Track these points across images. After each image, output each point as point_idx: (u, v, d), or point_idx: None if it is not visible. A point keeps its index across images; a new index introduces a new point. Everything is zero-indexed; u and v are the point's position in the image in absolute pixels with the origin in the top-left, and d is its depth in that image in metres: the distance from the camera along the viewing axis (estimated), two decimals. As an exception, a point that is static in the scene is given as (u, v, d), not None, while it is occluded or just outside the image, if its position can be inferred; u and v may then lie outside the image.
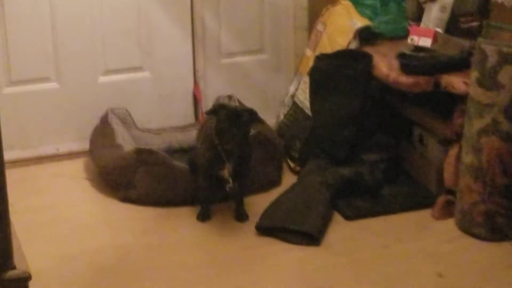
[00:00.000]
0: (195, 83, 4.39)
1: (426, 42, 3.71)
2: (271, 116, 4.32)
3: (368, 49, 3.98)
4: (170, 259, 3.36)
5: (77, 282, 3.19)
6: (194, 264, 3.34)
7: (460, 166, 3.49)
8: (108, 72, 4.27)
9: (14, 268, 1.47)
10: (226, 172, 3.52)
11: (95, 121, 4.16)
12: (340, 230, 3.56)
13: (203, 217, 3.63)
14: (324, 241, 3.46)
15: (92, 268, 3.29)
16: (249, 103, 4.01)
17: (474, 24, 3.83)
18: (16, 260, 1.48)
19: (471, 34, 3.79)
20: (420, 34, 3.76)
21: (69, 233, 3.57)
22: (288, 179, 3.96)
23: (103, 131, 4.08)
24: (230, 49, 4.42)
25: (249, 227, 3.56)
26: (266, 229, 3.50)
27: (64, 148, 4.27)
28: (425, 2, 3.92)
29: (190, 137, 4.02)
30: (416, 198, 3.78)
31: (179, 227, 3.62)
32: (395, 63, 3.73)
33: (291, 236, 3.45)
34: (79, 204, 3.86)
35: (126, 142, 3.93)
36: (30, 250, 2.79)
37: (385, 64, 3.78)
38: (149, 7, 4.21)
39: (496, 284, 3.14)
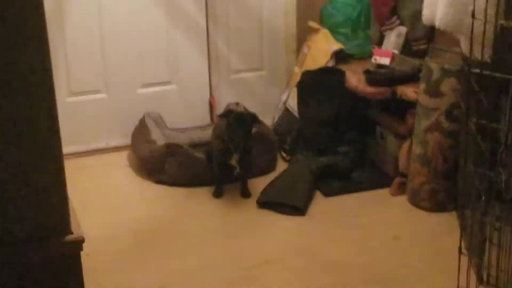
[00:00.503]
0: (211, 93, 4.41)
1: (386, 61, 3.79)
2: (268, 118, 4.36)
3: (342, 67, 4.02)
4: (191, 226, 3.45)
5: (120, 243, 3.26)
6: (210, 229, 3.44)
7: (411, 155, 3.55)
8: (145, 85, 4.28)
9: (71, 233, 1.46)
10: (234, 161, 3.58)
11: (135, 122, 4.19)
12: (321, 204, 3.63)
13: (217, 194, 3.69)
14: (308, 212, 3.54)
15: (132, 233, 3.38)
16: (251, 108, 4.06)
17: (423, 47, 3.87)
18: (73, 226, 1.48)
19: (420, 54, 3.83)
20: (381, 55, 3.83)
21: (114, 206, 3.65)
22: (281, 166, 4.00)
23: (141, 130, 4.12)
24: (237, 67, 4.44)
25: (251, 202, 3.63)
26: (264, 203, 3.57)
27: (112, 143, 4.29)
28: (385, 30, 3.97)
29: (207, 134, 4.02)
30: (378, 180, 3.82)
31: (198, 202, 3.67)
32: (362, 77, 3.79)
33: (283, 209, 3.52)
34: (122, 185, 3.91)
35: (158, 138, 3.94)
36: (84, 220, 2.85)
37: (355, 78, 3.84)
38: (175, 34, 4.21)
39: (437, 243, 3.20)
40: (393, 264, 3.07)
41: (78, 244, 1.47)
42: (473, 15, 2.49)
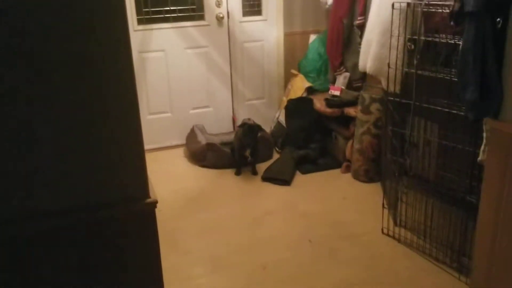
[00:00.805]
0: (233, 113, 4.45)
1: (337, 93, 3.83)
2: (268, 128, 4.36)
3: (311, 97, 4.05)
4: (222, 192, 3.51)
5: (177, 204, 3.33)
6: (233, 194, 3.49)
7: (353, 149, 3.61)
8: (194, 108, 4.32)
9: (149, 197, 1.43)
10: (247, 153, 3.65)
11: (188, 130, 4.23)
12: (300, 179, 3.67)
13: (237, 173, 3.74)
14: (292, 183, 3.59)
15: (184, 197, 3.43)
16: (258, 121, 4.05)
17: (359, 84, 3.90)
18: (151, 193, 1.44)
19: (358, 89, 3.88)
20: (335, 89, 3.86)
21: (175, 180, 3.70)
22: (275, 156, 4.03)
23: (191, 135, 4.15)
24: (249, 97, 4.47)
25: (258, 178, 3.68)
26: (266, 178, 3.63)
27: (174, 142, 4.31)
28: (336, 74, 4.03)
29: (231, 137, 4.05)
30: (334, 164, 3.84)
31: (226, 178, 3.72)
32: (324, 103, 3.83)
33: (277, 181, 3.57)
34: (180, 168, 3.94)
35: (202, 140, 3.98)
36: (157, 188, 2.94)
37: (319, 103, 3.88)
38: (211, 77, 4.26)
39: (369, 201, 3.25)
40: (343, 214, 3.13)
41: (154, 204, 1.44)
42: (389, 66, 2.57)
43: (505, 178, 1.68)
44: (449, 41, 2.25)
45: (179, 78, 4.20)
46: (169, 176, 3.76)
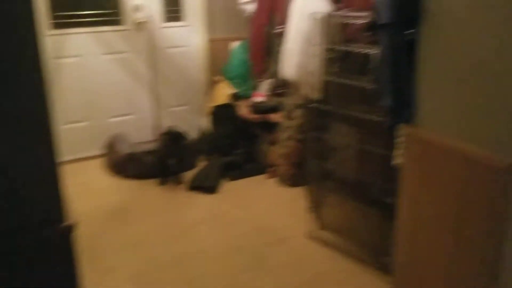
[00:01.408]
0: (156, 121, 4.34)
1: (261, 99, 3.88)
2: (192, 135, 4.27)
3: (236, 103, 4.08)
4: (146, 204, 3.40)
5: (98, 219, 3.18)
6: (159, 205, 3.39)
7: (278, 154, 3.66)
8: (113, 116, 4.19)
9: (65, 220, 1.31)
10: (172, 162, 3.58)
11: (108, 139, 4.08)
12: (227, 185, 3.66)
13: (162, 183, 3.64)
14: (220, 191, 3.56)
15: (105, 211, 3.29)
16: (182, 128, 3.94)
17: (281, 91, 3.96)
18: (67, 213, 1.32)
19: (282, 95, 3.97)
20: (258, 96, 3.92)
21: (94, 193, 3.53)
22: (201, 164, 3.97)
23: (111, 144, 4.00)
24: (172, 104, 4.40)
25: (184, 187, 3.61)
26: (192, 187, 3.57)
27: (93, 153, 4.13)
28: (260, 81, 4.07)
29: (154, 145, 3.94)
30: (260, 169, 3.86)
31: (150, 189, 3.62)
32: (248, 109, 3.87)
33: (204, 189, 3.53)
34: (99, 180, 3.77)
35: (123, 149, 3.86)
36: (77, 202, 2.78)
37: (244, 109, 3.91)
38: (133, 85, 4.16)
39: (296, 205, 3.28)
40: (270, 220, 3.15)
41: (70, 228, 1.32)
42: (310, 74, 2.65)
43: (420, 180, 1.79)
44: (364, 51, 2.36)
45: (97, 84, 4.04)
46: (88, 190, 3.58)
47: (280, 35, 3.54)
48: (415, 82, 1.75)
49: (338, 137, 2.74)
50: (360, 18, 2.36)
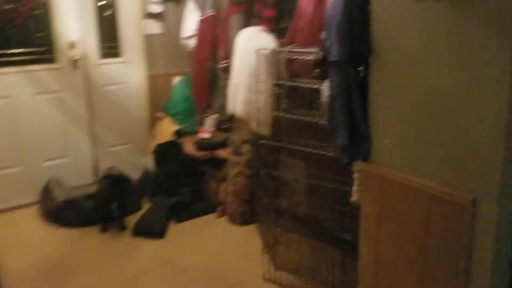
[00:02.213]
0: (95, 162, 4.10)
1: (207, 135, 3.78)
2: (135, 175, 4.05)
3: (181, 140, 3.94)
4: (86, 255, 3.13)
5: (32, 276, 2.89)
6: (99, 255, 3.12)
7: (227, 192, 3.55)
8: (48, 159, 3.90)
9: None
10: (114, 206, 3.36)
11: (42, 185, 3.79)
12: (174, 229, 3.46)
13: (104, 230, 3.39)
14: (167, 235, 3.36)
15: (41, 266, 3.00)
16: (123, 169, 3.80)
17: (228, 125, 3.91)
18: None
19: (228, 130, 3.89)
20: (204, 132, 3.81)
21: (26, 246, 3.22)
22: (146, 206, 3.75)
23: (46, 190, 3.72)
24: (111, 143, 4.17)
25: (128, 233, 3.38)
26: (137, 233, 3.35)
27: (25, 201, 3.80)
28: (204, 116, 3.97)
29: (94, 189, 3.68)
30: (208, 208, 3.70)
31: (91, 237, 3.35)
32: (194, 146, 3.75)
33: (149, 235, 3.32)
34: (33, 231, 3.45)
35: (59, 195, 3.59)
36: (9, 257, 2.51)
37: (189, 146, 3.79)
38: (69, 125, 3.92)
39: (248, 245, 3.15)
40: (222, 263, 2.99)
41: None
42: (258, 110, 2.59)
43: (379, 218, 1.75)
44: (312, 86, 2.35)
45: (28, 126, 3.76)
46: (20, 242, 3.26)
47: (225, 70, 3.50)
48: (368, 118, 1.73)
49: (290, 173, 2.68)
50: (306, 53, 2.34)
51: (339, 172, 2.33)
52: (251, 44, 2.67)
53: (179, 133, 4.04)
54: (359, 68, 1.68)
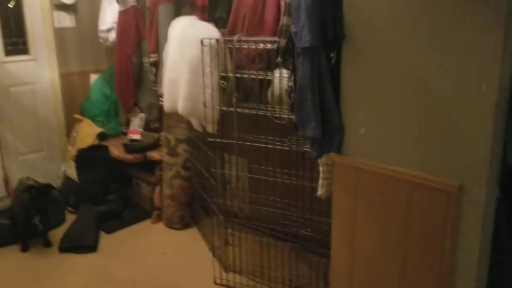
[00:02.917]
0: (5, 172, 3.59)
1: (137, 136, 3.50)
2: (54, 185, 3.66)
3: (105, 143, 3.60)
4: (5, 281, 2.74)
5: None
6: (22, 278, 2.73)
7: (162, 195, 3.31)
8: None
9: None
10: (36, 221, 2.95)
11: None
12: (105, 240, 3.14)
13: (24, 249, 2.99)
14: (99, 248, 3.04)
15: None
16: (38, 178, 3.40)
17: (157, 125, 3.68)
18: None
19: (156, 130, 3.65)
20: (134, 133, 3.52)
21: None
22: (70, 217, 3.38)
23: None
24: (23, 151, 3.70)
25: (54, 249, 3.01)
26: (65, 248, 2.99)
27: None
28: (130, 116, 3.68)
29: (6, 203, 3.28)
30: (141, 215, 3.44)
31: (10, 257, 2.94)
32: (122, 149, 3.45)
33: (79, 249, 2.98)
34: None
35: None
36: None
37: (116, 149, 3.47)
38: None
39: (191, 249, 2.93)
40: (167, 272, 2.76)
41: None
42: (205, 105, 2.41)
43: (355, 211, 1.67)
44: (266, 77, 2.23)
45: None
46: None
47: (154, 64, 3.24)
48: (341, 108, 1.64)
49: (239, 171, 2.53)
50: (255, 42, 2.21)
51: (296, 167, 2.23)
52: (190, 35, 2.47)
53: (102, 136, 3.69)
54: (330, 55, 1.58)
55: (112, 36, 3.54)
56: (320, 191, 1.89)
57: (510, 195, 1.39)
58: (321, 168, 1.85)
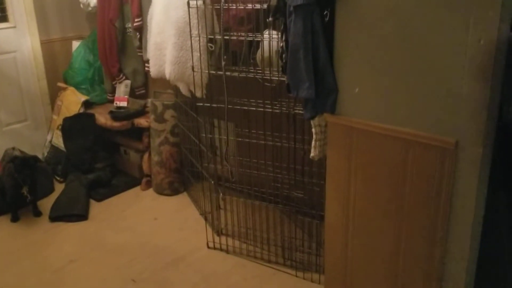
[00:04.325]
0: (-12, 143, 3.48)
1: (124, 104, 3.37)
2: (39, 154, 3.51)
3: (91, 111, 3.49)
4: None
5: None
6: (14, 248, 2.67)
7: (151, 162, 3.24)
8: None
9: None
10: (25, 191, 2.88)
11: None
12: (96, 208, 3.09)
13: (14, 219, 2.92)
14: (89, 216, 2.99)
15: None
16: (24, 149, 3.35)
17: (143, 91, 3.56)
18: None
19: (142, 96, 3.55)
20: (120, 100, 3.39)
21: None
22: (58, 187, 3.31)
23: None
24: (7, 121, 3.56)
25: (44, 219, 2.95)
26: (55, 217, 2.93)
27: None
28: (115, 83, 3.55)
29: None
30: (130, 182, 3.38)
31: (1, 228, 2.90)
32: (108, 116, 3.34)
33: (70, 218, 2.93)
34: None
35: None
36: None
37: (102, 117, 3.37)
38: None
39: (182, 215, 2.91)
40: (160, 238, 2.73)
41: None
42: (193, 69, 2.32)
43: (350, 172, 1.64)
44: (247, 39, 2.14)
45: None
46: None
47: (138, 29, 3.11)
48: (334, 68, 1.58)
49: (230, 135, 2.47)
50: (242, 3, 2.11)
51: (285, 130, 2.18)
52: (174, -3, 2.35)
53: (87, 104, 3.57)
54: (324, 12, 1.50)
55: (93, 1, 3.37)
56: (313, 153, 1.85)
57: (506, 151, 1.36)
58: (314, 130, 1.80)
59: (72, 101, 3.57)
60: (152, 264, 2.50)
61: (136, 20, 3.06)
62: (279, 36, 1.76)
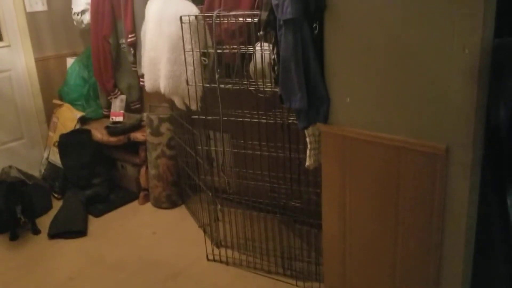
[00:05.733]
0: (-15, 163, 3.50)
1: (120, 118, 3.41)
2: (36, 172, 3.60)
3: (87, 127, 3.52)
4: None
5: None
6: (13, 266, 2.68)
7: (148, 176, 3.27)
8: None
9: None
10: (18, 213, 2.88)
11: None
12: (94, 223, 3.11)
13: (13, 238, 2.92)
14: (88, 232, 3.01)
15: None
16: (21, 166, 3.39)
17: (138, 106, 3.60)
18: None
19: (138, 111, 3.58)
20: (116, 115, 3.44)
21: None
22: (56, 203, 3.31)
23: None
24: (2, 140, 3.56)
25: (43, 236, 2.96)
26: (54, 235, 2.94)
27: None
28: (111, 98, 3.59)
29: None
30: (128, 197, 3.41)
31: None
32: (105, 132, 3.36)
33: (69, 234, 2.94)
34: None
35: None
36: None
37: (99, 133, 3.38)
38: None
39: (180, 228, 2.95)
40: (159, 252, 2.75)
41: None
42: (187, 83, 2.36)
43: (345, 180, 1.67)
44: (240, 52, 2.18)
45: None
46: None
47: (132, 45, 3.15)
48: (326, 78, 1.62)
49: (225, 148, 2.51)
50: (235, 17, 2.16)
51: (280, 140, 2.22)
52: (168, 12, 2.39)
53: (83, 120, 3.60)
54: (313, 25, 1.55)
55: (87, 18, 3.41)
56: (308, 162, 1.88)
57: (494, 151, 1.40)
58: (308, 139, 1.84)
59: (68, 117, 3.60)
60: (152, 278, 2.51)
61: (129, 36, 3.10)
62: (271, 48, 1.80)
